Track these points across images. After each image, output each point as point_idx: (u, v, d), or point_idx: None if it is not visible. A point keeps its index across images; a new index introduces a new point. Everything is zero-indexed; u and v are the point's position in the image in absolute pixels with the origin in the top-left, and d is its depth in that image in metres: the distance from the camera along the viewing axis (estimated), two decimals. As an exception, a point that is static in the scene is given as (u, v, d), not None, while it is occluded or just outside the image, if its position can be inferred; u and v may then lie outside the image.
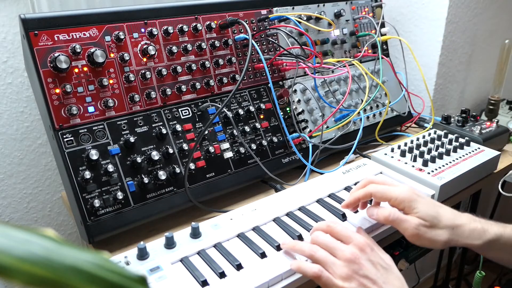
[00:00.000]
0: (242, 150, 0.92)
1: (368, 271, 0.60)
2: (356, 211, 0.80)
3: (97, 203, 0.74)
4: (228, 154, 0.91)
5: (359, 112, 1.10)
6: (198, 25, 0.91)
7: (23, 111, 1.04)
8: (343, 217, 0.78)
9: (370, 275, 0.59)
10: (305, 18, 1.07)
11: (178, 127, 0.85)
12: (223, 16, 0.96)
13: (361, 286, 0.58)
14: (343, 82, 1.16)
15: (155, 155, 0.81)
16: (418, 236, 0.67)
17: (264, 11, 1.03)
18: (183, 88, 0.88)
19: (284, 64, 1.04)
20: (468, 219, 0.71)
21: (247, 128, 0.93)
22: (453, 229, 0.68)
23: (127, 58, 0.82)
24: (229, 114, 0.92)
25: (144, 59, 0.85)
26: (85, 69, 0.78)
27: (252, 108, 0.96)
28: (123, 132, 0.81)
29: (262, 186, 0.96)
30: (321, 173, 0.98)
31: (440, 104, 1.48)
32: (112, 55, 0.81)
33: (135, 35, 0.84)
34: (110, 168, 0.76)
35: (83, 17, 0.79)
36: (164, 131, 0.83)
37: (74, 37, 0.78)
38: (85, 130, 0.77)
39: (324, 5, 1.14)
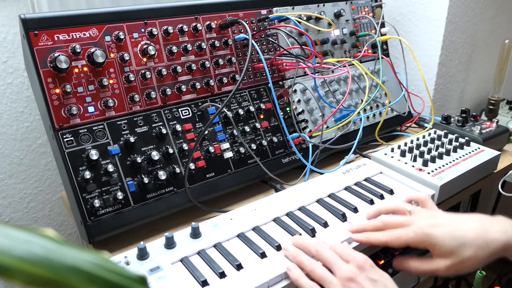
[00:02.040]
0: (242, 150, 0.92)
1: None
2: (356, 211, 0.80)
3: (97, 203, 0.74)
4: (228, 154, 0.91)
5: (359, 112, 1.10)
6: (198, 25, 0.91)
7: (23, 111, 1.04)
8: (343, 217, 0.78)
9: None
10: (305, 18, 1.07)
11: (178, 127, 0.85)
12: (223, 16, 0.96)
13: None
14: (343, 82, 1.16)
15: (155, 155, 0.81)
16: (452, 269, 0.64)
17: (264, 11, 1.03)
18: (183, 88, 0.88)
19: (284, 64, 1.04)
20: (504, 226, 0.65)
21: (247, 128, 0.93)
22: (488, 246, 0.63)
23: (127, 58, 0.82)
24: (229, 114, 0.92)
25: (144, 59, 0.85)
26: (85, 69, 0.78)
27: (252, 108, 0.96)
28: (123, 132, 0.81)
29: (262, 186, 0.96)
30: (321, 173, 0.98)
31: (440, 104, 1.48)
32: (112, 55, 0.81)
33: (135, 35, 0.84)
34: (110, 168, 0.76)
35: (83, 17, 0.79)
36: (164, 131, 0.83)
37: (74, 37, 0.78)
38: (85, 130, 0.77)
39: (324, 5, 1.14)
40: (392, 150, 1.03)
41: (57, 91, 0.75)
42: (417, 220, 0.68)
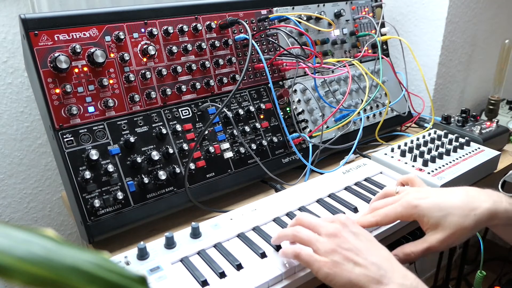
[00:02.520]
0: (242, 150, 0.92)
1: (351, 243, 0.59)
2: (356, 211, 0.80)
3: (97, 203, 0.74)
4: (228, 154, 0.91)
5: (359, 112, 1.10)
6: (198, 25, 0.91)
7: (23, 111, 1.04)
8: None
9: (354, 246, 0.59)
10: (305, 18, 1.07)
11: (178, 127, 0.85)
12: (223, 16, 0.96)
13: (345, 259, 0.57)
14: (343, 82, 1.16)
15: (155, 155, 0.81)
16: (445, 243, 0.65)
17: (264, 11, 1.03)
18: (183, 88, 0.88)
19: (284, 64, 1.04)
20: (488, 195, 0.66)
21: (247, 128, 0.93)
22: (475, 215, 0.64)
23: (127, 58, 0.82)
24: (229, 114, 0.92)
25: (144, 59, 0.85)
26: (85, 69, 0.78)
27: (252, 108, 0.96)
28: (123, 132, 0.81)
29: (262, 186, 0.96)
30: (321, 173, 0.98)
31: (440, 104, 1.48)
32: (112, 55, 0.81)
33: (135, 35, 0.84)
34: (110, 168, 0.76)
35: (83, 17, 0.79)
36: (164, 131, 0.83)
37: (74, 37, 0.78)
38: (85, 130, 0.77)
39: (324, 5, 1.14)
40: (392, 150, 1.03)
41: (57, 91, 0.75)
42: (404, 196, 0.70)
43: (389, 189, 0.76)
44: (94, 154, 0.75)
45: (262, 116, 0.98)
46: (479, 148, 1.04)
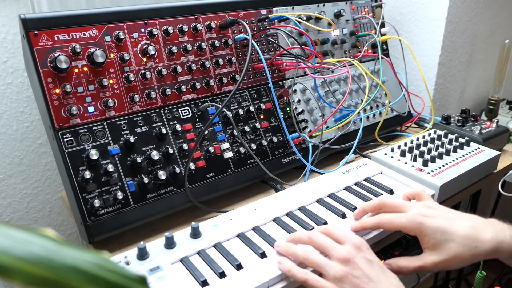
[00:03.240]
0: (242, 150, 0.92)
1: (363, 270, 0.58)
2: (356, 211, 0.80)
3: (97, 203, 0.74)
4: (228, 154, 0.91)
5: (359, 112, 1.10)
6: (198, 25, 0.91)
7: (23, 111, 1.04)
8: (343, 217, 0.78)
9: (365, 273, 0.58)
10: (305, 18, 1.07)
11: (178, 127, 0.85)
12: (223, 16, 0.96)
13: (354, 287, 0.57)
14: (343, 82, 1.16)
15: (155, 155, 0.81)
16: (439, 266, 0.65)
17: (264, 11, 1.03)
18: (183, 88, 0.88)
19: (284, 64, 1.04)
20: (496, 230, 0.65)
21: (247, 128, 0.93)
22: (476, 247, 0.63)
23: (127, 58, 0.82)
24: (229, 114, 0.92)
25: (144, 59, 0.85)
26: (85, 69, 0.78)
27: (252, 108, 0.96)
28: (123, 132, 0.81)
29: (262, 186, 0.96)
30: (321, 173, 0.98)
31: (440, 104, 1.48)
32: (112, 55, 0.81)
33: (135, 35, 0.84)
34: (110, 168, 0.76)
35: (83, 17, 0.79)
36: (164, 131, 0.83)
37: (74, 37, 0.78)
38: (85, 130, 0.78)
39: (324, 5, 1.14)
40: (392, 150, 1.03)
41: (57, 91, 0.75)
42: (413, 207, 0.69)
43: (385, 199, 0.74)
44: (94, 154, 0.75)
45: (262, 116, 0.98)
46: (479, 148, 1.04)
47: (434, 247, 0.65)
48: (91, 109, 0.78)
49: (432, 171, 0.93)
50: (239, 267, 0.65)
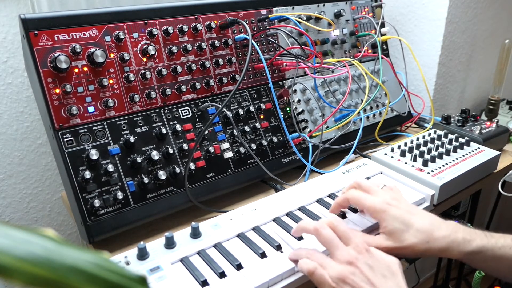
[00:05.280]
0: (242, 150, 0.92)
1: (365, 275, 0.59)
2: (356, 211, 0.80)
3: (97, 203, 0.74)
4: (228, 154, 0.91)
5: (359, 112, 1.10)
6: (198, 25, 0.91)
7: (23, 111, 1.04)
8: (343, 217, 0.78)
9: (367, 278, 0.59)
10: (305, 18, 1.07)
11: (178, 127, 0.85)
12: (223, 16, 0.96)
13: None
14: (343, 82, 1.16)
15: (155, 155, 0.81)
16: (391, 251, 0.67)
17: (264, 11, 1.03)
18: (183, 88, 0.88)
19: (284, 64, 1.04)
20: (449, 230, 0.69)
21: (247, 128, 0.93)
22: (427, 243, 0.67)
23: (127, 58, 0.82)
24: (229, 114, 0.92)
25: (144, 59, 0.85)
26: (85, 69, 0.78)
27: (252, 108, 0.96)
28: (123, 132, 0.81)
29: (262, 186, 0.96)
30: (321, 173, 0.98)
31: (440, 104, 1.48)
32: (112, 55, 0.81)
33: (135, 35, 0.84)
34: (110, 168, 0.76)
35: (83, 17, 0.79)
36: (164, 131, 0.83)
37: (74, 37, 0.78)
38: (85, 130, 0.78)
39: (324, 5, 1.14)
40: (392, 150, 1.03)
41: (57, 91, 0.75)
42: (382, 195, 0.72)
43: (361, 181, 0.76)
44: (94, 154, 0.75)
45: (262, 116, 0.98)
46: (479, 148, 1.04)
47: (390, 233, 0.68)
48: (91, 109, 0.78)
49: (432, 171, 0.93)
50: (239, 267, 0.65)
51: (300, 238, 0.71)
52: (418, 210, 0.72)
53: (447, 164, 0.96)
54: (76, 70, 0.77)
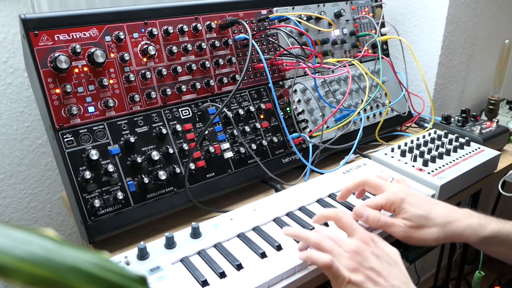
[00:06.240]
0: (242, 150, 0.92)
1: (373, 263, 0.60)
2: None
3: (97, 203, 0.74)
4: (228, 154, 0.91)
5: (359, 112, 1.10)
6: (198, 25, 0.91)
7: (23, 111, 1.04)
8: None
9: (375, 267, 0.60)
10: (305, 18, 1.07)
11: (178, 127, 0.85)
12: (223, 16, 0.96)
13: (367, 278, 0.59)
14: (343, 82, 1.16)
15: (155, 155, 0.81)
16: (407, 238, 0.69)
17: (264, 11, 1.03)
18: (183, 88, 0.88)
19: (284, 64, 1.04)
20: (464, 215, 0.71)
21: (247, 128, 0.93)
22: (444, 227, 0.69)
23: (127, 58, 0.82)
24: (229, 114, 0.92)
25: (144, 59, 0.85)
26: (85, 69, 0.78)
27: (252, 108, 0.96)
28: (123, 132, 0.81)
29: (262, 186, 0.96)
30: (321, 173, 0.98)
31: (440, 104, 1.48)
32: (112, 55, 0.81)
33: (135, 35, 0.84)
34: (110, 168, 0.76)
35: (83, 17, 0.79)
36: (164, 131, 0.83)
37: (74, 37, 0.78)
38: (85, 130, 0.77)
39: (324, 5, 1.14)
40: (392, 150, 1.03)
41: (57, 91, 0.75)
42: (395, 187, 0.74)
43: (368, 178, 0.77)
44: (94, 154, 0.75)
45: (262, 116, 0.98)
46: (479, 148, 1.04)
47: (410, 218, 0.69)
48: (91, 109, 0.78)
49: (432, 171, 0.93)
50: (239, 267, 0.65)
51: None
52: (431, 199, 0.75)
53: (447, 164, 0.96)
54: (76, 70, 0.77)
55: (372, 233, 0.66)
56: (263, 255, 0.68)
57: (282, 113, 1.00)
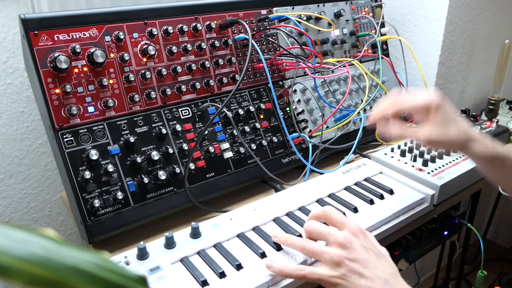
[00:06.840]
0: (242, 150, 0.92)
1: (359, 255, 0.58)
2: (356, 211, 0.80)
3: (97, 203, 0.74)
4: (228, 154, 0.91)
5: (359, 112, 1.10)
6: (198, 25, 0.91)
7: (23, 111, 1.04)
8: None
9: (361, 258, 0.58)
10: (305, 18, 1.07)
11: (178, 127, 0.85)
12: (223, 16, 0.96)
13: (351, 271, 0.57)
14: (343, 82, 1.16)
15: (155, 155, 0.81)
16: (431, 141, 0.71)
17: (264, 11, 1.03)
18: (183, 88, 0.88)
19: (284, 64, 1.04)
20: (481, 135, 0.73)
21: (247, 128, 0.93)
22: (465, 135, 0.70)
23: (127, 58, 0.82)
24: (229, 114, 0.92)
25: (144, 59, 0.85)
26: (85, 69, 0.78)
27: (252, 108, 0.96)
28: (123, 132, 0.81)
29: (262, 186, 0.96)
30: (321, 173, 0.98)
31: (440, 104, 1.48)
32: (112, 55, 0.81)
33: (135, 35, 0.84)
34: (110, 168, 0.76)
35: (83, 17, 0.79)
36: (164, 131, 0.83)
37: (74, 37, 0.78)
38: (85, 130, 0.77)
39: (324, 5, 1.14)
40: (392, 150, 1.03)
41: (57, 91, 0.75)
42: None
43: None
44: (94, 154, 0.75)
45: (262, 116, 0.98)
46: (479, 148, 1.04)
47: (439, 122, 0.70)
48: (91, 109, 0.78)
49: (432, 171, 0.93)
50: (239, 267, 0.65)
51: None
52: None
53: (447, 164, 0.96)
54: (76, 70, 0.77)
55: (362, 228, 0.64)
56: (262, 255, 0.68)
57: (282, 113, 1.00)
